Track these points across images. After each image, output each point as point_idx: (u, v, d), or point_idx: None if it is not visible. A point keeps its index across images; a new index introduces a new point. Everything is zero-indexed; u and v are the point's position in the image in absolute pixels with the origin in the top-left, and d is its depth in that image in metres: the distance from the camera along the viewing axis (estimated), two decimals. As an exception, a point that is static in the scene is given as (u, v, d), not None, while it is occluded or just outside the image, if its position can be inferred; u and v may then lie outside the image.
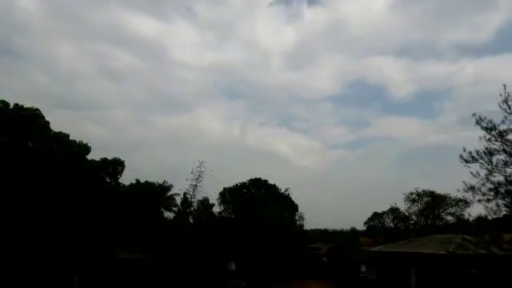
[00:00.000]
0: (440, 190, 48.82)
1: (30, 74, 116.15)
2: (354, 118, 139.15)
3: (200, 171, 33.92)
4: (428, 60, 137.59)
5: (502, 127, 13.96)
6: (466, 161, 14.35)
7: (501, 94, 13.87)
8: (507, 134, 13.83)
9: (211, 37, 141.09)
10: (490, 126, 14.01)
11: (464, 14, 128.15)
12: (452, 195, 45.71)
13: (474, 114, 14.30)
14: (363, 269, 34.73)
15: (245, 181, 48.45)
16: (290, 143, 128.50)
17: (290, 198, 46.68)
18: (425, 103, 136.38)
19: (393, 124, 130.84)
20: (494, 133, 13.89)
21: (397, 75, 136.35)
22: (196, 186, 34.39)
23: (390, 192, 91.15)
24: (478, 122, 14.22)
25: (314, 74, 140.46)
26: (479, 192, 14.13)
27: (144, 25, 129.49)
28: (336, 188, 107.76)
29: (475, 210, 16.43)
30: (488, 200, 14.07)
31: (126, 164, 39.03)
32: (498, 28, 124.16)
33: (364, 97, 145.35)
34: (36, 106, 32.55)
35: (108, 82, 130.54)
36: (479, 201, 14.26)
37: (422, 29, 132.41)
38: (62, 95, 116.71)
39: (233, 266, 35.29)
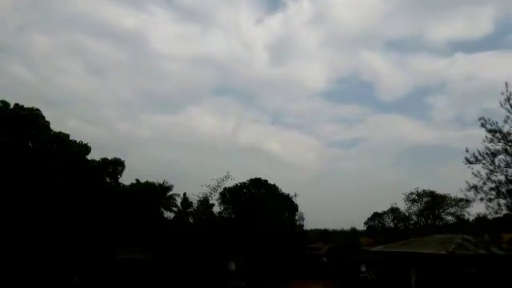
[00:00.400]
0: (437, 188, 49.14)
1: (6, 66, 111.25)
2: (349, 115, 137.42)
3: (222, 180, 34.56)
4: (421, 55, 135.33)
5: (505, 126, 14.01)
6: (470, 162, 14.39)
7: (502, 93, 13.88)
8: (510, 135, 13.87)
9: (194, 28, 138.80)
10: (494, 128, 14.04)
11: (458, 6, 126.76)
12: (452, 195, 45.86)
13: (480, 118, 14.38)
14: (363, 269, 34.72)
15: (245, 181, 48.53)
16: (284, 141, 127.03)
17: (290, 198, 46.64)
18: (419, 100, 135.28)
19: (387, 122, 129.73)
20: (497, 134, 13.92)
21: (389, 71, 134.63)
22: (216, 190, 35.41)
23: (389, 192, 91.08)
24: (483, 125, 14.26)
25: (303, 69, 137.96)
26: (481, 191, 14.19)
27: (123, 15, 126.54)
28: (334, 187, 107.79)
29: (475, 210, 16.48)
30: (490, 199, 14.13)
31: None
32: (493, 22, 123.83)
33: (357, 93, 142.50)
34: (15, 100, 32.07)
35: (91, 76, 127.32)
36: (481, 199, 14.33)
37: (414, 22, 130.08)
38: (43, 90, 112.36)
39: (233, 266, 35.27)
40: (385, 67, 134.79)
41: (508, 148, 13.91)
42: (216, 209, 43.35)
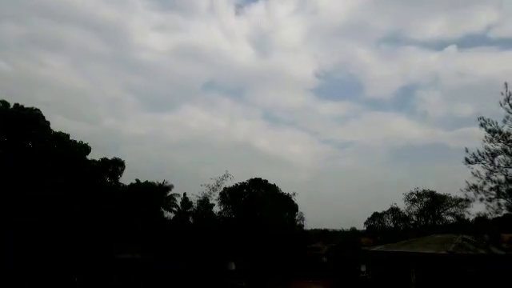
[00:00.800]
0: (435, 187, 49.12)
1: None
2: (341, 113, 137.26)
3: (221, 179, 34.49)
4: (412, 50, 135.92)
5: (504, 126, 14.00)
6: (470, 162, 14.38)
7: (502, 93, 13.89)
8: (510, 135, 13.85)
9: (176, 19, 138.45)
10: (494, 128, 14.02)
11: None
12: (452, 195, 45.90)
13: (479, 118, 14.38)
14: (363, 269, 34.72)
15: (244, 181, 48.58)
16: (279, 139, 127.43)
17: (290, 198, 46.66)
18: (411, 97, 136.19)
19: (380, 120, 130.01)
20: (497, 135, 13.91)
21: (379, 66, 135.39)
22: (215, 189, 35.20)
23: (387, 191, 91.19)
24: (482, 125, 14.25)
25: (290, 63, 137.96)
26: (481, 191, 14.18)
27: (101, 5, 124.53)
28: (332, 187, 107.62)
29: (475, 210, 16.48)
30: (490, 199, 14.11)
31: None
32: (486, 19, 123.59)
33: (348, 89, 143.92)
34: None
35: (72, 69, 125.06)
36: (481, 200, 14.31)
37: (404, 15, 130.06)
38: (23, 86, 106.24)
39: (233, 266, 35.22)
40: (375, 62, 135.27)
41: (508, 148, 13.90)
42: (216, 209, 43.39)
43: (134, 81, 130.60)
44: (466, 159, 14.46)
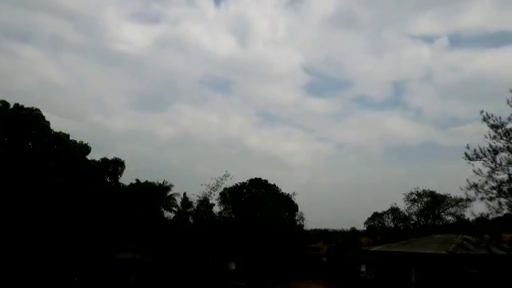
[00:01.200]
0: (433, 185, 49.02)
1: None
2: (335, 110, 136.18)
3: (221, 180, 34.50)
4: (406, 46, 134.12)
5: (509, 124, 13.89)
6: (470, 158, 14.26)
7: (511, 90, 13.82)
8: None
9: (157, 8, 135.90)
10: (496, 123, 13.92)
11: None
12: (452, 195, 45.89)
13: (481, 112, 14.28)
14: (363, 269, 34.72)
15: (244, 181, 48.55)
16: (271, 136, 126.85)
17: (290, 198, 46.64)
18: (404, 96, 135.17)
19: (375, 118, 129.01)
20: (499, 131, 13.80)
21: (372, 63, 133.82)
22: (215, 189, 35.39)
23: (386, 191, 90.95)
24: (485, 120, 14.13)
25: (279, 58, 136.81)
26: (482, 190, 14.06)
27: None
28: (330, 187, 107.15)
29: (476, 209, 16.43)
30: (491, 198, 14.00)
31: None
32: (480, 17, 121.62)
33: (339, 86, 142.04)
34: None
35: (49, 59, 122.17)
36: (482, 199, 14.20)
37: (400, 11, 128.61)
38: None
39: (233, 266, 35.26)
40: (367, 57, 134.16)
41: (510, 145, 13.76)
42: (216, 209, 43.40)
43: (122, 77, 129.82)
44: (466, 155, 14.33)
